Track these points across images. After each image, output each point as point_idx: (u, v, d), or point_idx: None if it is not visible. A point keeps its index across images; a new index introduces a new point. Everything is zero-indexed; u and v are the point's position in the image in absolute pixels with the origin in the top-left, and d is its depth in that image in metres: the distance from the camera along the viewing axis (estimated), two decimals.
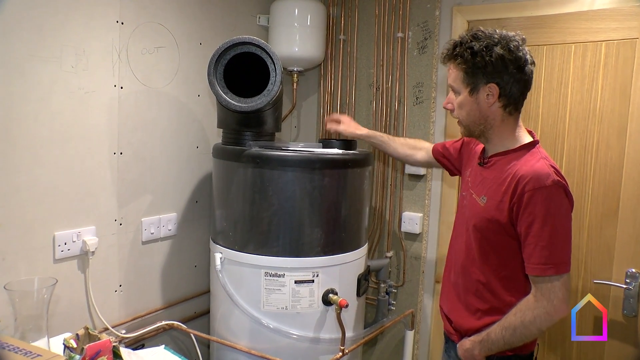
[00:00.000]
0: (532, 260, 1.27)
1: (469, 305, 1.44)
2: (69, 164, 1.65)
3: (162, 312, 2.03)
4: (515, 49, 1.29)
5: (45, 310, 1.39)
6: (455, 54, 1.33)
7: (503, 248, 1.35)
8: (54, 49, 1.57)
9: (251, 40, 1.66)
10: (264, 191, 1.72)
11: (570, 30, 1.91)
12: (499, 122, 1.36)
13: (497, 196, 1.33)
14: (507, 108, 1.34)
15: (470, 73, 1.32)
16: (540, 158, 1.31)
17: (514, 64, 1.29)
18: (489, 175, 1.40)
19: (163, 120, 1.96)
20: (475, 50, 1.29)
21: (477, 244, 1.39)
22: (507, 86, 1.31)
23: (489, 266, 1.38)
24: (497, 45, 1.29)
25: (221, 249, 1.83)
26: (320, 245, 1.76)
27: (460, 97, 1.37)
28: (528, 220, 1.26)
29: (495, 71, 1.29)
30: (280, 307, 1.75)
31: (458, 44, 1.34)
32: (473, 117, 1.37)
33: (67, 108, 1.63)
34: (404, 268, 2.38)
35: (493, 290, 1.38)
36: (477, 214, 1.39)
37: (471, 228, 1.40)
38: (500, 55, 1.28)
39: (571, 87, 1.94)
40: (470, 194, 1.44)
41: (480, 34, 1.32)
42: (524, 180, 1.26)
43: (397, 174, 2.37)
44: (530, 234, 1.27)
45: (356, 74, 2.47)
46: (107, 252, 1.81)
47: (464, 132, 1.43)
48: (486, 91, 1.32)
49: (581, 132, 1.93)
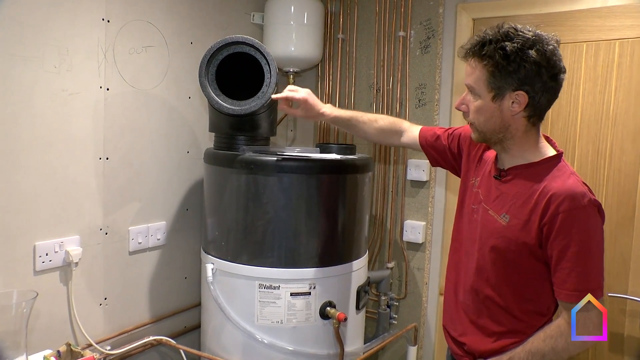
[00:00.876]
0: (567, 287, 1.23)
1: (483, 327, 1.39)
2: (51, 169, 1.63)
3: (149, 326, 2.01)
4: (551, 54, 1.20)
5: (24, 325, 1.37)
6: (484, 54, 1.22)
7: (528, 270, 1.30)
8: (35, 48, 1.55)
9: (245, 40, 1.65)
10: (258, 198, 1.71)
11: (582, 28, 1.90)
12: (521, 133, 1.28)
13: (522, 215, 1.27)
14: (532, 118, 1.26)
15: (498, 77, 1.22)
16: (570, 174, 1.26)
17: (549, 71, 1.20)
18: (509, 190, 1.32)
19: (152, 124, 1.95)
20: (508, 52, 1.19)
21: (495, 266, 1.34)
22: (537, 95, 1.22)
23: (509, 288, 1.33)
24: (532, 48, 1.18)
25: (213, 259, 1.82)
26: (318, 256, 1.76)
27: (480, 101, 1.27)
28: (562, 243, 1.21)
29: (528, 78, 1.20)
30: (275, 320, 1.74)
31: (487, 41, 1.22)
32: (492, 125, 1.28)
33: (50, 110, 1.61)
34: (406, 280, 2.37)
35: (512, 312, 1.34)
36: (497, 233, 1.32)
37: (488, 248, 1.34)
38: (535, 60, 1.18)
39: (583, 88, 1.92)
40: (485, 210, 1.37)
41: (512, 32, 1.21)
42: (557, 199, 1.20)
43: (399, 180, 2.36)
44: (564, 259, 1.22)
45: (355, 75, 2.46)
46: (91, 263, 1.79)
47: (477, 138, 1.34)
48: (512, 98, 1.22)
49: (593, 136, 1.91)
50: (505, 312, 1.34)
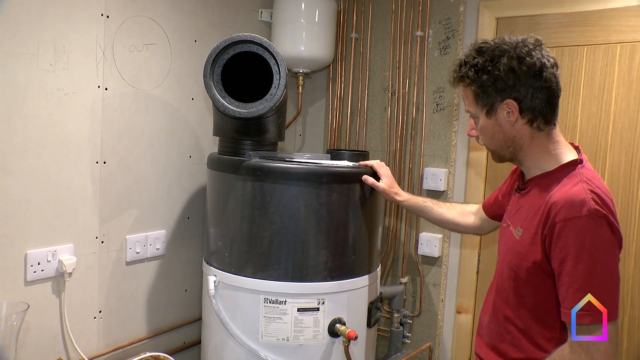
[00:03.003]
0: (566, 304, 1.21)
1: (504, 354, 1.38)
2: (45, 174, 1.63)
3: (146, 342, 2.01)
4: (526, 54, 1.26)
5: (14, 339, 1.37)
6: (462, 75, 1.32)
7: (542, 290, 1.29)
8: (29, 45, 1.55)
9: (252, 39, 1.66)
10: (264, 207, 1.71)
11: (616, 29, 1.89)
12: (528, 141, 1.32)
13: (531, 228, 1.29)
14: (534, 123, 1.30)
15: (481, 93, 1.30)
16: (578, 181, 1.24)
17: (527, 73, 1.26)
18: (525, 203, 1.35)
19: (152, 126, 1.95)
20: (480, 67, 1.28)
21: (512, 284, 1.34)
22: (527, 99, 1.27)
23: (528, 311, 1.33)
24: (503, 56, 1.26)
25: (215, 271, 1.82)
26: (327, 269, 1.75)
27: (480, 121, 1.35)
28: (560, 256, 1.21)
29: (508, 86, 1.27)
30: (281, 338, 1.73)
31: (463, 63, 1.32)
32: (498, 141, 1.34)
33: (44, 111, 1.61)
34: (420, 296, 2.36)
35: (533, 339, 1.32)
36: (512, 248, 1.35)
37: (506, 265, 1.36)
38: (509, 66, 1.25)
39: (615, 94, 1.91)
40: (508, 225, 1.41)
41: (484, 46, 1.30)
42: (556, 208, 1.21)
43: (414, 189, 2.37)
44: (563, 273, 1.21)
45: (369, 77, 2.47)
46: (86, 274, 1.79)
47: (494, 158, 1.41)
48: (504, 109, 1.29)
49: (626, 145, 1.90)
50: (526, 337, 1.33)
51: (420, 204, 1.82)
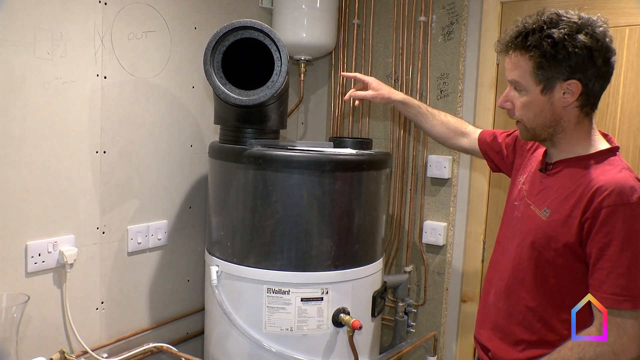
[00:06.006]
0: (604, 289, 1.21)
1: (511, 334, 1.39)
2: (44, 164, 1.63)
3: (149, 332, 2.02)
4: (602, 35, 1.20)
5: (14, 331, 1.37)
6: (529, 45, 1.22)
7: (567, 272, 1.29)
8: (26, 33, 1.54)
9: (253, 25, 1.65)
10: (267, 196, 1.71)
11: (625, 11, 1.87)
12: (573, 125, 1.28)
13: (564, 210, 1.27)
14: (584, 108, 1.27)
15: (547, 67, 1.22)
16: (622, 168, 1.24)
17: (602, 55, 1.21)
18: (553, 184, 1.33)
19: (152, 115, 1.94)
20: (556, 40, 1.19)
21: (532, 264, 1.33)
22: (590, 82, 1.22)
23: (546, 292, 1.32)
24: (581, 32, 1.19)
25: (218, 261, 1.83)
26: (331, 259, 1.75)
27: (527, 95, 1.28)
28: (604, 241, 1.20)
29: (580, 65, 1.20)
30: (285, 328, 1.74)
31: (530, 31, 1.23)
32: (543, 120, 1.29)
33: (42, 100, 1.60)
34: (425, 285, 2.36)
35: (547, 320, 1.33)
36: (536, 229, 1.32)
37: (527, 245, 1.34)
38: (586, 45, 1.19)
39: (624, 78, 1.90)
40: (527, 205, 1.38)
41: (556, 18, 1.22)
42: (603, 193, 1.19)
43: (418, 177, 2.36)
44: (604, 258, 1.20)
45: (372, 64, 2.46)
46: (87, 265, 1.79)
47: (526, 136, 1.35)
48: (564, 89, 1.23)
49: (635, 130, 1.89)
50: (539, 319, 1.34)
51: (415, 108, 1.78)
